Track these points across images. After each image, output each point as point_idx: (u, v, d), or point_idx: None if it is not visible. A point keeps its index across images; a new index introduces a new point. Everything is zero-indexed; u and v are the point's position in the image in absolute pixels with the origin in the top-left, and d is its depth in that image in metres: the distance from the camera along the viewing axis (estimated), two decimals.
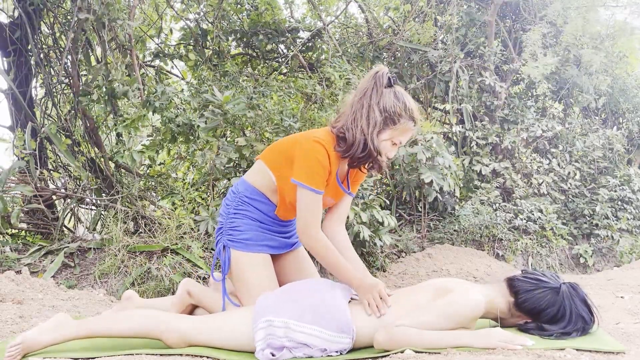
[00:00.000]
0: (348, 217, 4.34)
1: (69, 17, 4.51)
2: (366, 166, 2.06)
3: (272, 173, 2.03)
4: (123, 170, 4.57)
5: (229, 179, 4.28)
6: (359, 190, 4.28)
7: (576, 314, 1.73)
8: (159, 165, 5.23)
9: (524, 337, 1.66)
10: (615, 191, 6.33)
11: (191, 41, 5.67)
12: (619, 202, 6.29)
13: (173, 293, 3.39)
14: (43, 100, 4.70)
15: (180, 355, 1.74)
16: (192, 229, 3.90)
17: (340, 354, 1.73)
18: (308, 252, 2.24)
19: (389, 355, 1.66)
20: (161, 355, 1.73)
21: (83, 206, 4.41)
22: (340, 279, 1.91)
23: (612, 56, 6.78)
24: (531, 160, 6.31)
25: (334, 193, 2.07)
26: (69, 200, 4.22)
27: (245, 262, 2.02)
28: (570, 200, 6.54)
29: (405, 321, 1.69)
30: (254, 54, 6.32)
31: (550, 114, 6.57)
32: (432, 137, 4.92)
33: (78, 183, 4.40)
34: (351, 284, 1.88)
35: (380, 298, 1.79)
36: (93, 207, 4.45)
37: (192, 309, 2.20)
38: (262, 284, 1.98)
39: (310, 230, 1.91)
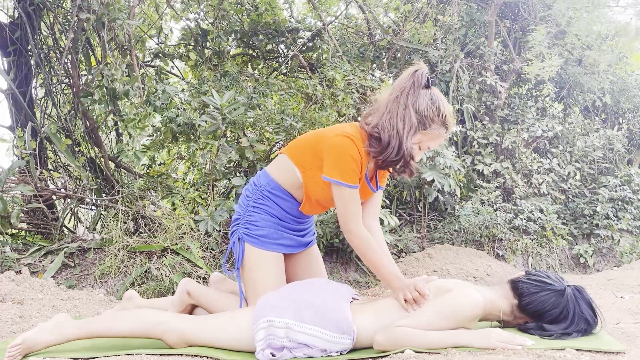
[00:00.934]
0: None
1: (69, 17, 4.51)
2: (397, 169, 1.99)
3: (297, 169, 1.98)
4: (123, 170, 4.57)
5: (229, 179, 4.29)
6: None
7: (579, 317, 1.73)
8: (159, 165, 5.23)
9: (523, 337, 1.66)
10: (616, 191, 6.33)
11: (191, 41, 5.66)
12: (619, 202, 6.28)
13: (173, 293, 3.39)
14: (43, 100, 4.70)
15: (180, 355, 1.74)
16: (192, 229, 3.90)
17: (341, 354, 1.73)
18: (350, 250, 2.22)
19: (389, 355, 1.66)
20: (161, 355, 1.73)
21: (83, 206, 4.40)
22: (380, 277, 1.88)
23: (613, 56, 6.78)
24: (531, 160, 6.30)
25: (361, 191, 2.00)
26: (69, 200, 4.22)
27: (258, 259, 2.00)
28: (570, 200, 6.54)
29: (404, 322, 1.69)
30: (254, 54, 6.32)
31: (550, 114, 6.56)
32: None
33: (78, 183, 4.40)
34: (391, 283, 1.84)
35: (418, 293, 1.76)
36: (93, 207, 4.45)
37: (191, 309, 2.20)
38: (269, 284, 1.97)
39: (350, 225, 1.88)
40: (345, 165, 1.84)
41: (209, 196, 4.32)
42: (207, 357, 1.72)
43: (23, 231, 4.11)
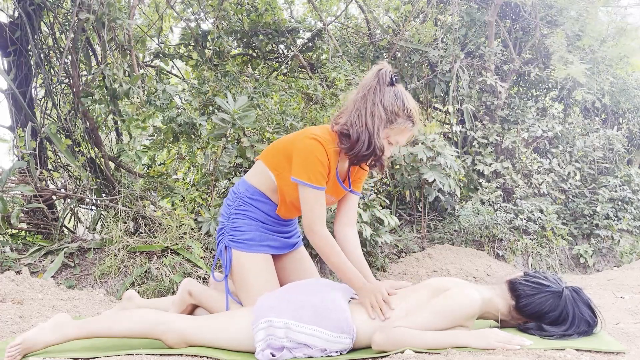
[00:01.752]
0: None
1: (69, 17, 4.51)
2: (368, 164, 2.04)
3: (271, 173, 2.02)
4: (123, 170, 4.57)
5: (229, 179, 4.29)
6: None
7: (579, 318, 1.73)
8: (159, 165, 5.23)
9: (522, 337, 1.66)
10: (616, 191, 6.33)
11: (191, 41, 5.67)
12: (619, 203, 6.28)
13: (173, 293, 3.39)
14: (43, 100, 4.70)
15: (180, 355, 1.74)
16: (192, 229, 3.90)
17: (340, 354, 1.73)
18: (312, 252, 2.24)
19: (388, 355, 1.65)
20: (161, 355, 1.73)
21: (83, 206, 4.40)
22: (342, 279, 1.90)
23: (613, 54, 6.79)
24: (531, 160, 6.30)
25: (334, 191, 2.06)
26: (69, 200, 4.22)
27: (247, 263, 2.01)
28: (570, 200, 6.54)
29: (402, 322, 1.69)
30: (254, 54, 6.32)
31: (550, 114, 6.57)
32: (434, 139, 4.92)
33: (78, 183, 4.40)
34: (352, 285, 1.87)
35: (383, 301, 1.78)
36: (93, 207, 4.45)
37: (192, 309, 2.20)
38: (263, 285, 1.98)
39: (314, 226, 1.90)
40: (311, 167, 1.88)
41: (209, 196, 4.32)
42: (207, 357, 1.72)
43: (23, 231, 4.11)
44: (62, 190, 4.22)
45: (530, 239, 5.71)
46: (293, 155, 1.93)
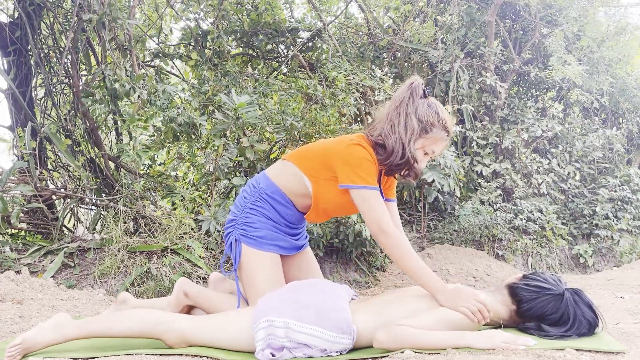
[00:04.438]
0: (349, 217, 4.35)
1: (69, 17, 4.51)
2: (402, 173, 2.07)
3: (307, 178, 2.01)
4: (123, 170, 4.57)
5: (229, 179, 4.29)
6: None
7: (580, 320, 1.73)
8: (159, 165, 5.23)
9: (526, 337, 1.66)
10: (615, 191, 6.33)
11: (191, 41, 5.66)
12: (619, 202, 6.29)
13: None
14: (43, 100, 4.70)
15: (180, 355, 1.74)
16: (192, 229, 3.90)
17: (341, 354, 1.73)
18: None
19: (388, 355, 1.65)
20: (161, 355, 1.73)
21: (83, 206, 4.40)
22: (419, 282, 1.83)
23: (613, 55, 6.79)
24: (531, 160, 6.31)
25: None
26: (68, 200, 4.22)
27: (256, 260, 2.02)
28: (570, 200, 6.54)
29: (405, 322, 1.69)
30: (254, 54, 6.32)
31: (550, 114, 6.57)
32: None
33: (78, 183, 4.40)
34: (430, 287, 1.80)
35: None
36: (93, 207, 4.45)
37: (188, 310, 2.19)
38: (269, 284, 1.98)
39: (383, 225, 1.87)
40: (364, 169, 1.91)
41: (209, 196, 4.32)
42: (207, 357, 1.72)
43: (23, 231, 4.11)
44: (62, 190, 4.22)
45: (530, 239, 5.71)
46: (336, 162, 1.94)
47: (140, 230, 3.98)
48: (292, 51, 5.69)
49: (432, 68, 6.56)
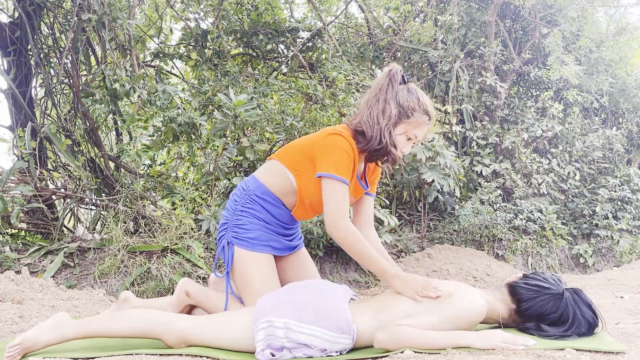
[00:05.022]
0: (349, 217, 4.34)
1: (69, 17, 4.51)
2: (382, 159, 2.08)
3: (290, 173, 2.01)
4: (123, 170, 4.57)
5: (229, 179, 4.29)
6: None
7: (580, 320, 1.73)
8: (159, 165, 5.23)
9: (525, 337, 1.66)
10: (615, 191, 6.33)
11: (191, 41, 5.66)
12: (619, 202, 6.29)
13: (173, 293, 3.38)
14: (43, 100, 4.70)
15: (180, 355, 1.74)
16: (192, 229, 3.90)
17: (340, 354, 1.73)
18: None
19: (388, 355, 1.65)
20: (161, 355, 1.73)
21: (83, 206, 4.40)
22: (374, 270, 1.89)
23: (612, 56, 6.79)
24: (531, 160, 6.31)
25: (354, 190, 2.09)
26: (68, 200, 4.22)
27: (249, 262, 2.01)
28: (570, 200, 6.54)
29: (405, 321, 1.69)
30: (254, 54, 6.32)
31: (550, 114, 6.57)
32: (433, 138, 4.92)
33: (78, 183, 4.40)
34: (385, 273, 1.86)
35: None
36: (93, 207, 4.45)
37: (189, 310, 2.19)
38: (264, 285, 1.97)
39: (339, 221, 1.89)
40: (339, 159, 1.91)
41: (209, 196, 4.32)
42: (207, 357, 1.72)
43: (23, 231, 4.11)
44: (62, 190, 4.22)
45: (530, 239, 5.71)
46: (316, 152, 1.95)
47: (140, 230, 3.98)
48: (292, 51, 5.69)
49: (432, 68, 6.56)
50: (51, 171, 4.57)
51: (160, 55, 5.56)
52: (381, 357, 1.68)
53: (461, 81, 6.21)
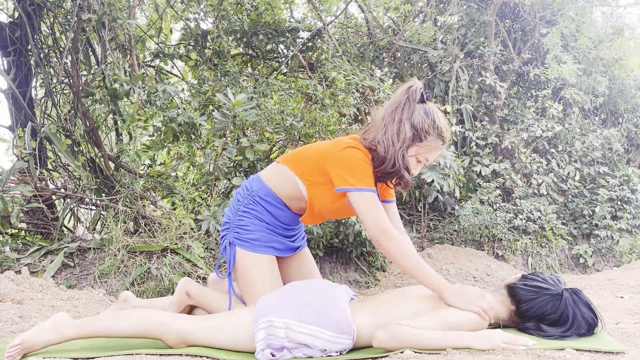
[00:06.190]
0: (349, 217, 4.34)
1: (69, 17, 4.51)
2: (393, 182, 2.01)
3: (301, 181, 1.98)
4: (123, 170, 4.57)
5: (229, 179, 4.29)
6: None
7: (579, 320, 1.73)
8: (159, 165, 5.23)
9: (525, 337, 1.66)
10: (615, 191, 6.33)
11: (191, 41, 5.66)
12: (619, 202, 6.29)
13: (173, 293, 3.38)
14: (43, 100, 4.70)
15: (180, 355, 1.74)
16: (192, 229, 3.90)
17: (341, 354, 1.73)
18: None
19: (388, 355, 1.65)
20: (161, 355, 1.73)
21: (83, 206, 4.40)
22: (424, 283, 1.82)
23: (610, 55, 6.80)
24: (531, 160, 6.31)
25: None
26: (68, 200, 4.22)
27: (251, 262, 2.00)
28: (569, 200, 6.54)
29: (405, 322, 1.69)
30: (254, 54, 6.32)
31: (549, 114, 6.57)
32: None
33: (78, 183, 4.40)
34: (437, 288, 1.79)
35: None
36: (93, 207, 4.45)
37: (190, 309, 2.19)
38: (266, 285, 1.97)
39: (384, 226, 1.82)
40: (361, 171, 1.86)
41: (209, 196, 4.32)
42: (207, 357, 1.72)
43: (23, 231, 4.11)
44: (62, 190, 4.22)
45: (529, 239, 5.72)
46: (332, 165, 1.89)
47: (140, 230, 3.98)
48: (292, 51, 5.69)
49: (432, 68, 6.56)
50: (51, 171, 4.57)
51: (160, 55, 5.55)
52: (381, 357, 1.68)
53: (461, 81, 6.22)
